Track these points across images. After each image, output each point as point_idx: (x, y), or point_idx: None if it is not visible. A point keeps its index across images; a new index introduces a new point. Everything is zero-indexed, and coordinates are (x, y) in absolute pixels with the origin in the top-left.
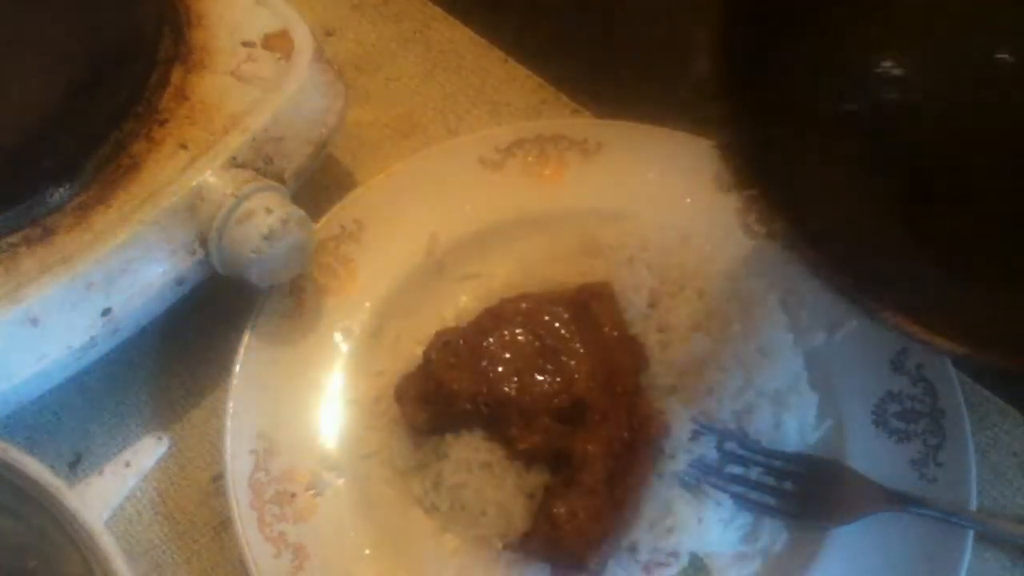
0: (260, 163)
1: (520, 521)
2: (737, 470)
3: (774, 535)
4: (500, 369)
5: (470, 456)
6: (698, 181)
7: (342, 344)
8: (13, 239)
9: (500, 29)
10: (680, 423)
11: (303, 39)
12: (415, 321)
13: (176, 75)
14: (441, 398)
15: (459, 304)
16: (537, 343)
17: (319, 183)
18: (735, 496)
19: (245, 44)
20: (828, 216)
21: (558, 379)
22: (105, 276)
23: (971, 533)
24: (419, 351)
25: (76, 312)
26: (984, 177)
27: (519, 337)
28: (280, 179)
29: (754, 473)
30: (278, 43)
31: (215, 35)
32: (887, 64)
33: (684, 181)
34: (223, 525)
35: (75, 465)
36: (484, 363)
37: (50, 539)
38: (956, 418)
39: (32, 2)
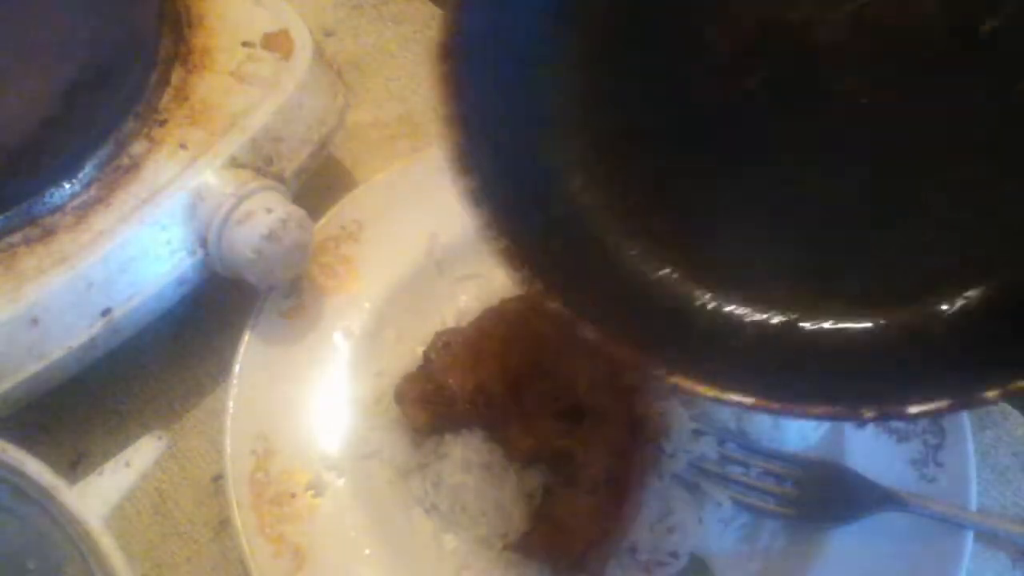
0: (260, 163)
1: (520, 521)
2: (737, 470)
3: (774, 535)
4: (500, 370)
5: (470, 456)
6: None
7: (342, 344)
8: (13, 239)
9: None
10: (680, 423)
11: (303, 39)
12: (415, 321)
13: (176, 75)
14: (441, 399)
15: (459, 304)
16: (537, 343)
17: (319, 183)
18: (735, 496)
19: (245, 44)
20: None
21: (558, 379)
22: (105, 276)
23: (971, 533)
24: (419, 351)
25: (76, 312)
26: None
27: (520, 337)
28: (280, 179)
29: (754, 473)
30: (278, 43)
31: (215, 35)
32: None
33: None
34: (223, 525)
35: (75, 465)
36: (484, 364)
37: (50, 539)
38: (956, 418)
39: (32, 2)
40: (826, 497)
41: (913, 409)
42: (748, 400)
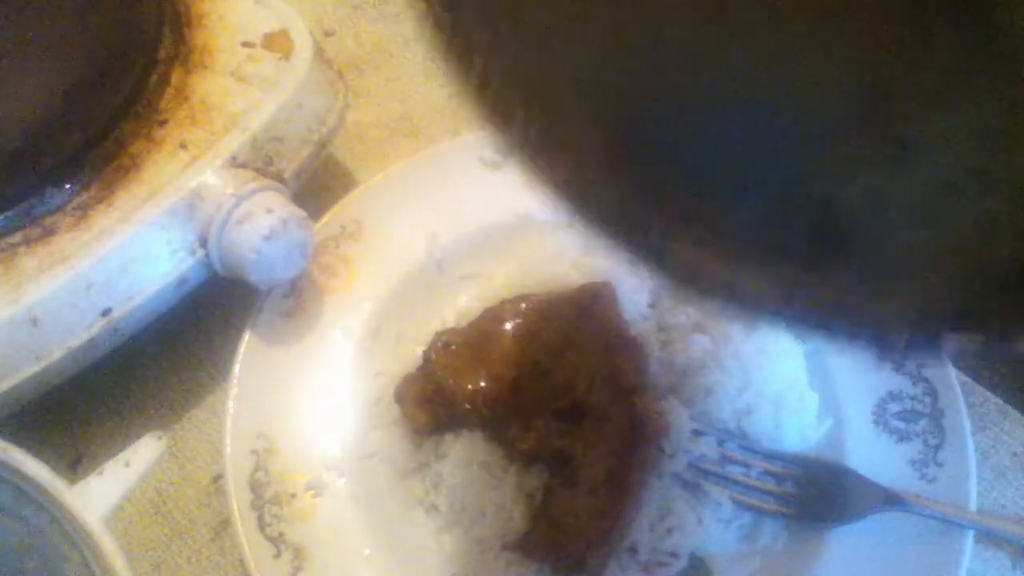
0: (260, 163)
1: (520, 521)
2: (737, 470)
3: (774, 535)
4: (500, 370)
5: (470, 456)
6: None
7: (342, 344)
8: (13, 239)
9: None
10: (680, 423)
11: (303, 39)
12: (415, 321)
13: (176, 75)
14: (441, 399)
15: (459, 304)
16: (537, 343)
17: (319, 183)
18: (735, 496)
19: (245, 44)
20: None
21: (558, 379)
22: (105, 276)
23: (971, 533)
24: (419, 351)
25: (76, 312)
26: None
27: (519, 337)
28: (280, 179)
29: (754, 473)
30: (278, 43)
31: (215, 35)
32: None
33: None
34: (223, 525)
35: (75, 465)
36: (484, 364)
37: (50, 539)
38: (956, 418)
39: (32, 2)
40: (826, 497)
41: (950, 344)
42: (767, 296)
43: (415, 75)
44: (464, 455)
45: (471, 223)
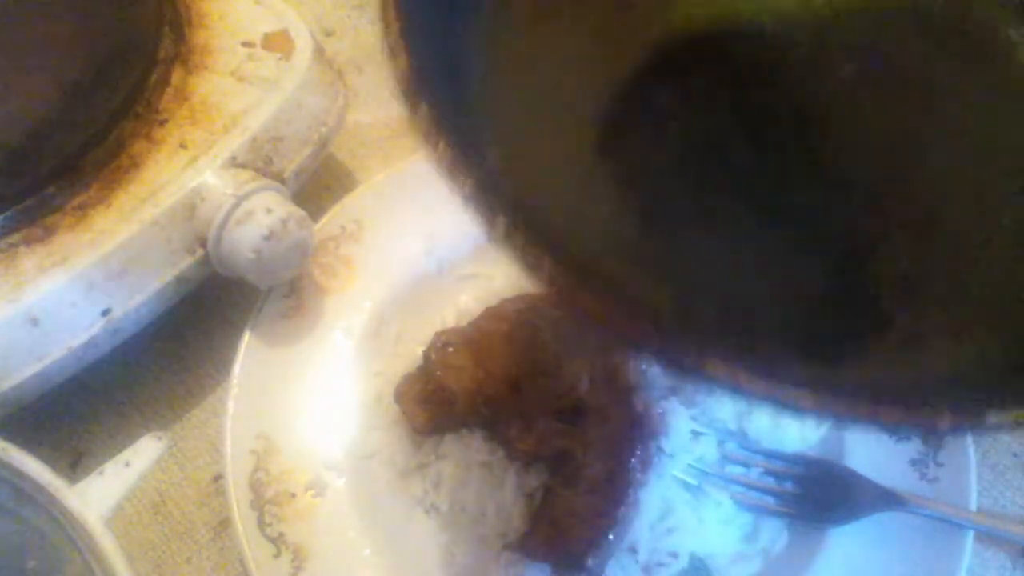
0: (260, 163)
1: (520, 521)
2: (737, 470)
3: (774, 535)
4: (500, 370)
5: (470, 456)
6: None
7: (342, 344)
8: (13, 239)
9: None
10: (680, 423)
11: (303, 39)
12: (415, 321)
13: (176, 75)
14: (441, 398)
15: (459, 304)
16: (537, 343)
17: (319, 183)
18: (735, 496)
19: (245, 44)
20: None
21: (558, 379)
22: (105, 276)
23: (971, 533)
24: (419, 351)
25: (76, 312)
26: None
27: (519, 337)
28: (280, 179)
29: (754, 473)
30: (278, 43)
31: (215, 35)
32: None
33: None
34: (223, 525)
35: (75, 465)
36: (484, 363)
37: (50, 539)
38: None
39: (33, 2)
40: (826, 497)
41: (992, 419)
42: (807, 400)
43: None
44: (464, 455)
45: (471, 223)
